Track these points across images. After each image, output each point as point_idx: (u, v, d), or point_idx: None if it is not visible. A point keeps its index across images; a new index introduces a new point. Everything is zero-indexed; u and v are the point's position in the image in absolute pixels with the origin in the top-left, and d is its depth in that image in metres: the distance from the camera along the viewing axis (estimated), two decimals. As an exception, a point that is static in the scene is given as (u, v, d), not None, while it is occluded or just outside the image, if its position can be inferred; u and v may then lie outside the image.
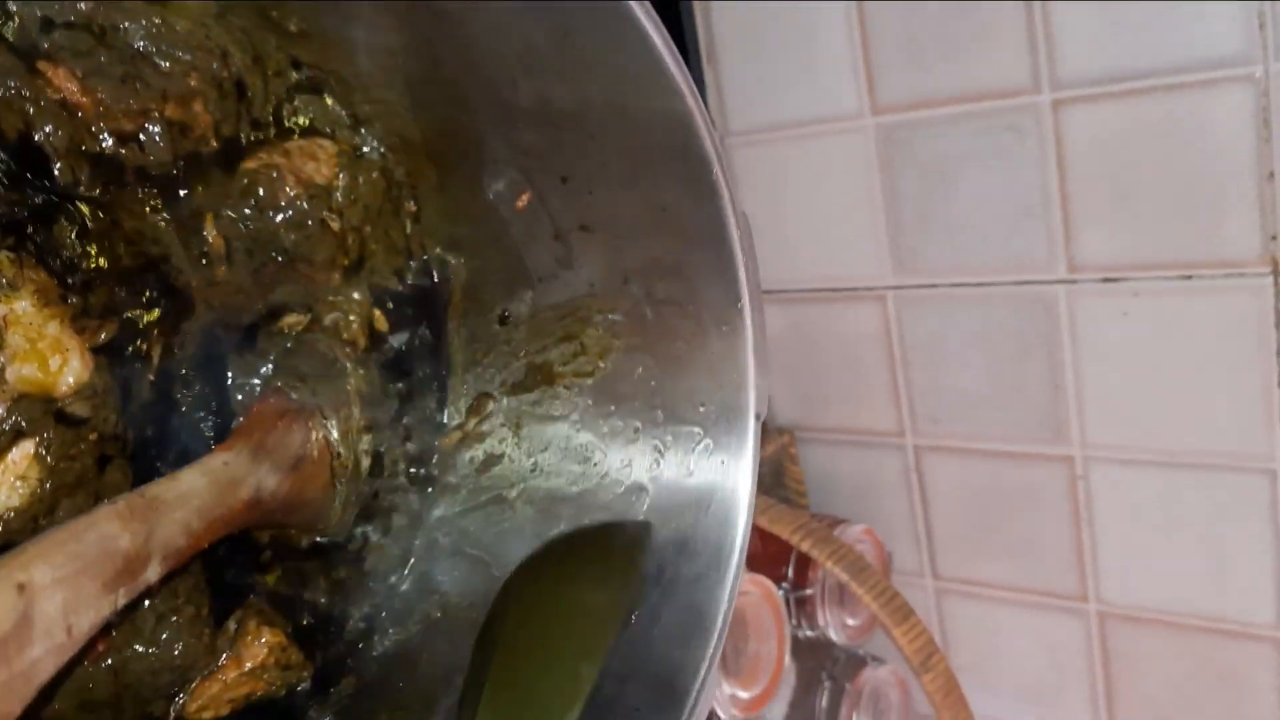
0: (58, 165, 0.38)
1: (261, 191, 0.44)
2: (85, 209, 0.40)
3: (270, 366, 0.46)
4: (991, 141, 0.75)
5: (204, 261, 0.44)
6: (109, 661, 0.40)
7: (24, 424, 0.36)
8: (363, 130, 0.48)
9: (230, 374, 0.45)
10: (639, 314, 0.46)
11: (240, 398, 0.45)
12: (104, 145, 0.40)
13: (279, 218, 0.45)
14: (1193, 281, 0.70)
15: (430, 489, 0.52)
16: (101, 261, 0.40)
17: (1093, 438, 0.77)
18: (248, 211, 0.44)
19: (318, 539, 0.48)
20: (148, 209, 0.42)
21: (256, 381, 0.45)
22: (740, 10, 0.84)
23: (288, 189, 0.45)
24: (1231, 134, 0.66)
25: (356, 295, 0.48)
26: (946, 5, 0.74)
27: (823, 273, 0.86)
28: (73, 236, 0.39)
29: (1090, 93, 0.70)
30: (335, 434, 0.45)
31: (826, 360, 0.88)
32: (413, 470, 0.52)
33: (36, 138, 0.38)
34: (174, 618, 0.41)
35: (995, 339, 0.79)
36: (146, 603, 0.40)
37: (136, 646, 0.40)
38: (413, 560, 0.51)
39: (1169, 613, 0.77)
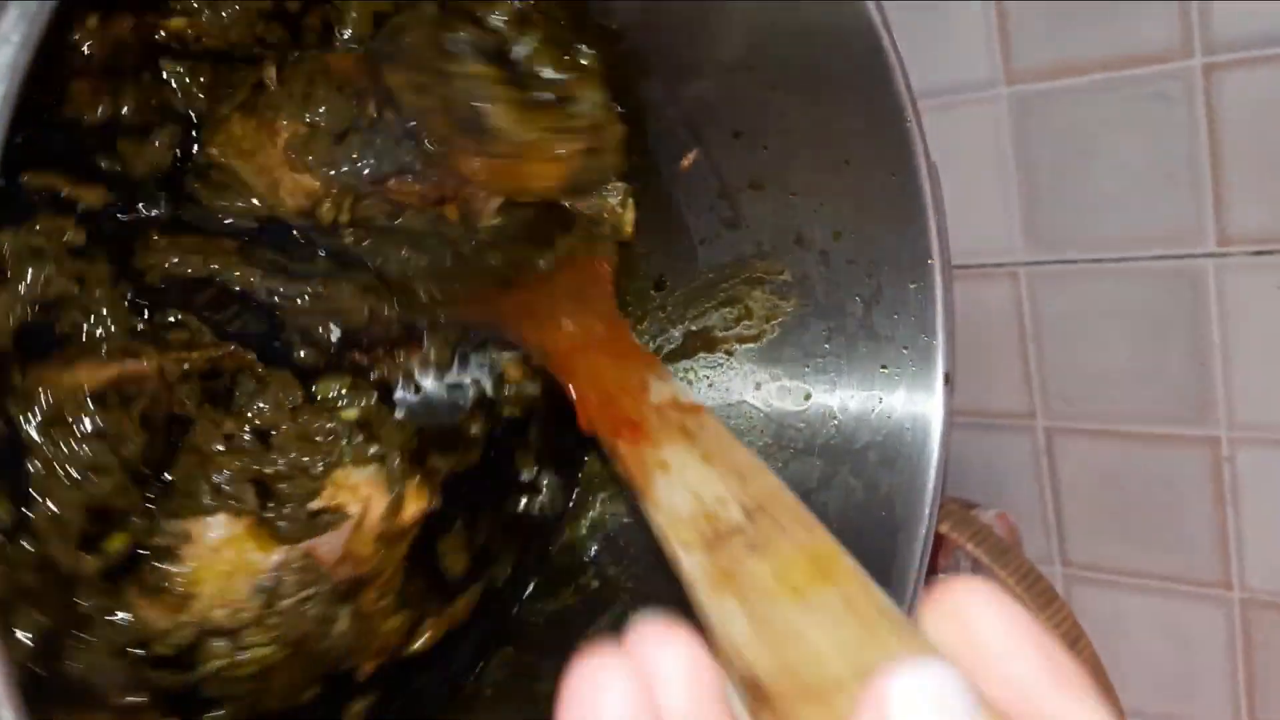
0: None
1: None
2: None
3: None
4: (1137, 109, 0.72)
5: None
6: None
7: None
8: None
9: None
10: (811, 274, 0.44)
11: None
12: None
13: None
14: (1355, 254, 0.66)
15: (583, 459, 0.51)
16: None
17: (1240, 418, 0.74)
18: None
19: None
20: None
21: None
22: (865, -21, 0.82)
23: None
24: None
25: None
26: (1089, -34, 0.71)
27: (951, 248, 0.83)
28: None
29: (1246, 56, 0.67)
30: None
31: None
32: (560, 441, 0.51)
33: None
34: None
35: (1136, 316, 0.76)
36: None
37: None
38: (565, 529, 0.50)
39: (1319, 601, 0.74)
